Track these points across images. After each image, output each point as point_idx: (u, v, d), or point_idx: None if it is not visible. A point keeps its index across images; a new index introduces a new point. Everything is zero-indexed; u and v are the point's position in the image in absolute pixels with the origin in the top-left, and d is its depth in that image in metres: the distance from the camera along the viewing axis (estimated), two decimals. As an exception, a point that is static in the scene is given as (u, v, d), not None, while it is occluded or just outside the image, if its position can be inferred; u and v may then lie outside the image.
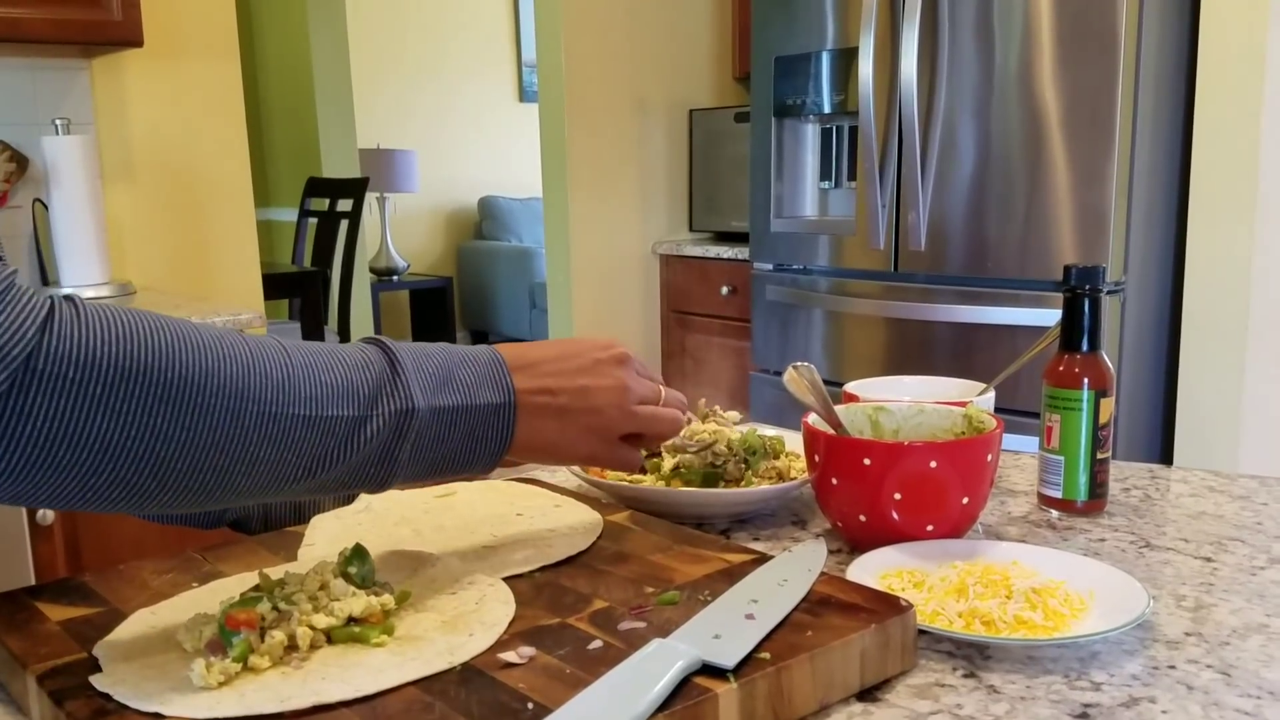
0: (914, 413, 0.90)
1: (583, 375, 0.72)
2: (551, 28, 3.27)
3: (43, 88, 2.36)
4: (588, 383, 0.72)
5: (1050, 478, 0.92)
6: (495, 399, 0.68)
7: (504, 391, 0.69)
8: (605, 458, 0.75)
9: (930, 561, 0.75)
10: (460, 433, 0.66)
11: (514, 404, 0.69)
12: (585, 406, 0.72)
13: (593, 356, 0.73)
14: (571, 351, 0.73)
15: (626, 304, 3.49)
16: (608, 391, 0.72)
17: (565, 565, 0.72)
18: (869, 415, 0.90)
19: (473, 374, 0.68)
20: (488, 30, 6.94)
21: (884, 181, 2.51)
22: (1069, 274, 0.90)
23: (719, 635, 0.59)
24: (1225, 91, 2.15)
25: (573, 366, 0.72)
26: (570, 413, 0.71)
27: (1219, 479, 1.03)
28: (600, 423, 0.72)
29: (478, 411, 0.67)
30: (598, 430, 0.73)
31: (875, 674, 0.61)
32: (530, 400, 0.70)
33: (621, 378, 0.74)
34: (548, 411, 0.70)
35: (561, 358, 0.72)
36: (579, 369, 0.72)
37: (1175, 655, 0.65)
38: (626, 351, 0.76)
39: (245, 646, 0.56)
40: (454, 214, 6.95)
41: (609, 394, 0.72)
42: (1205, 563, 0.81)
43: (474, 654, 0.58)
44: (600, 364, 0.73)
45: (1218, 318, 2.20)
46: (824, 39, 2.66)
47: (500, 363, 0.70)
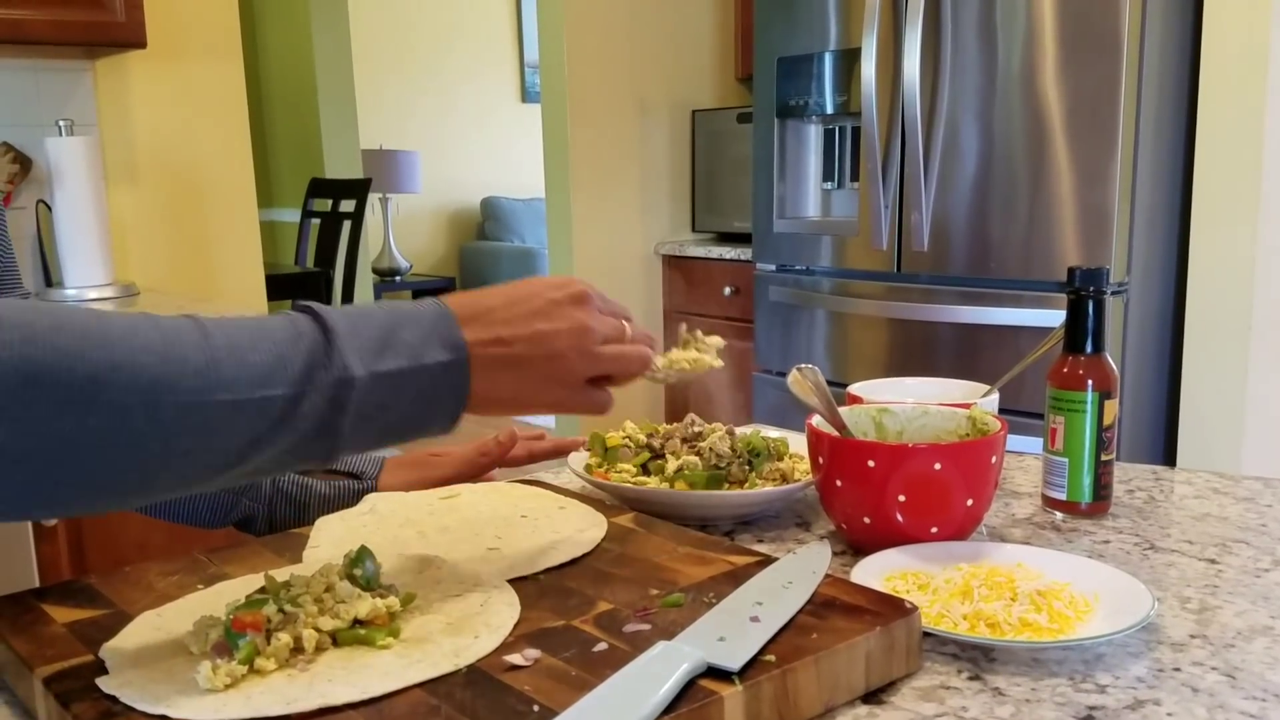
0: (918, 414, 0.90)
1: (538, 319, 0.67)
2: (554, 28, 3.27)
3: (46, 89, 2.36)
4: (544, 327, 0.67)
5: (1054, 479, 0.92)
6: (444, 356, 0.63)
7: (453, 347, 0.64)
8: (572, 403, 0.70)
9: (935, 564, 0.75)
10: (408, 397, 0.62)
11: (466, 360, 0.64)
12: (543, 353, 0.67)
13: (547, 298, 0.68)
14: (524, 294, 0.68)
15: (629, 304, 3.42)
16: (566, 335, 0.68)
17: (570, 567, 0.72)
18: (873, 417, 0.91)
19: (417, 332, 0.63)
20: (490, 31, 6.94)
21: (887, 182, 2.51)
22: (1073, 275, 0.90)
23: (724, 638, 0.59)
24: (1228, 92, 2.15)
25: (526, 311, 0.67)
26: (528, 361, 0.67)
27: (1223, 481, 1.03)
28: (562, 369, 0.68)
29: (426, 372, 0.63)
30: (560, 377, 0.68)
31: (880, 676, 0.61)
32: (483, 353, 0.65)
33: (580, 318, 0.68)
34: (504, 363, 0.66)
35: (514, 303, 0.68)
36: (533, 313, 0.67)
37: (1180, 658, 0.65)
38: (585, 288, 0.70)
39: (251, 649, 0.56)
40: (456, 214, 6.95)
41: (568, 337, 0.68)
42: (1210, 565, 0.81)
43: (479, 656, 0.58)
44: (556, 305, 0.68)
45: (1221, 318, 2.20)
46: (826, 40, 2.66)
47: (447, 316, 0.65)
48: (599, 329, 0.69)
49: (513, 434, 1.01)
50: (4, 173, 2.28)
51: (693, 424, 0.98)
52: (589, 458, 0.98)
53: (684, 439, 0.96)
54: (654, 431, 0.98)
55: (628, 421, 1.01)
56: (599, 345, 0.69)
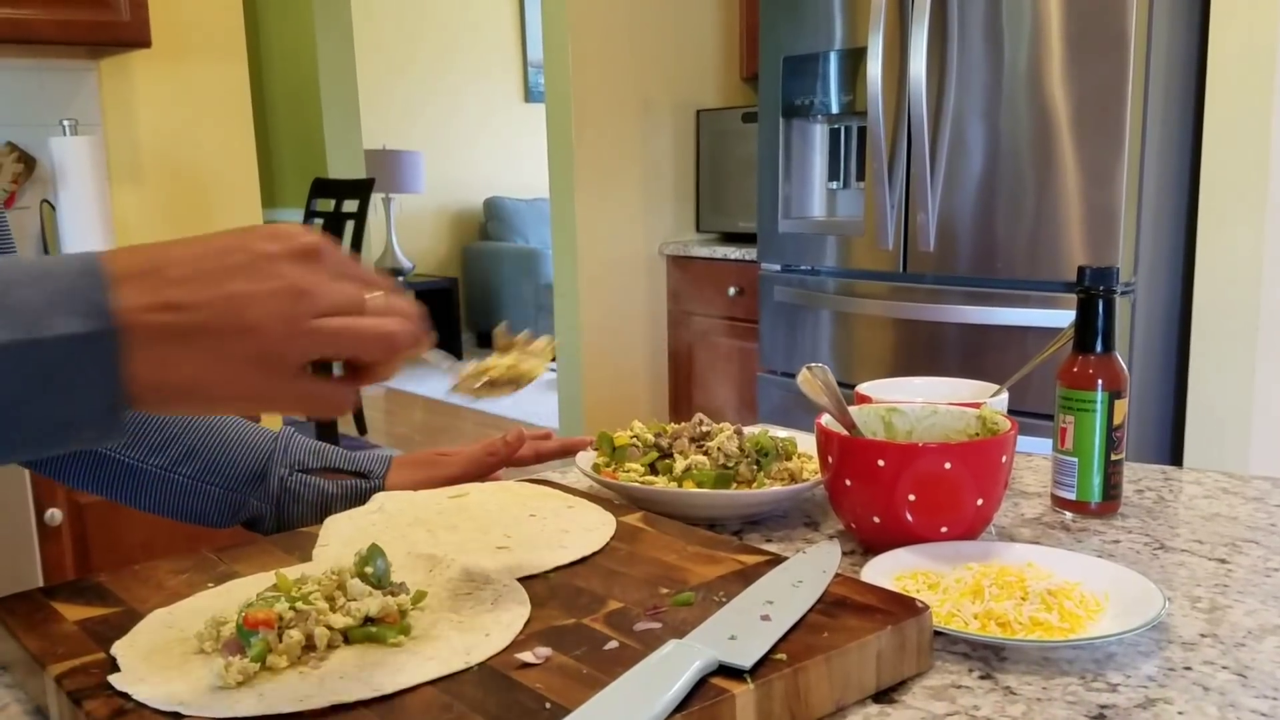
0: (927, 414, 0.90)
1: (234, 278, 0.51)
2: (558, 28, 3.27)
3: (50, 89, 2.36)
4: (240, 288, 0.51)
5: (1064, 479, 0.92)
6: (76, 327, 0.48)
7: (94, 314, 0.48)
8: (279, 396, 0.53)
9: (945, 563, 0.75)
10: (18, 380, 0.48)
11: (113, 331, 0.49)
12: (236, 324, 0.50)
13: (255, 250, 0.52)
14: (221, 246, 0.52)
15: (633, 305, 3.49)
16: (270, 299, 0.51)
17: (579, 566, 0.72)
18: (882, 416, 0.90)
19: (41, 292, 0.48)
20: (493, 31, 6.95)
21: (893, 182, 2.51)
22: (1083, 275, 0.90)
23: (735, 636, 0.59)
24: (1235, 91, 2.14)
25: (218, 267, 0.51)
26: (213, 334, 0.50)
27: (1232, 480, 1.02)
28: (261, 347, 0.51)
29: (47, 348, 0.48)
30: (259, 358, 0.51)
31: (891, 675, 0.61)
32: (147, 321, 0.49)
33: (294, 278, 0.51)
34: (178, 335, 0.50)
35: (204, 256, 0.51)
36: (228, 270, 0.51)
37: (1191, 656, 0.65)
38: (315, 241, 0.53)
39: (263, 646, 0.56)
40: (459, 215, 6.96)
41: (272, 303, 0.51)
42: (1220, 564, 0.81)
43: (491, 654, 0.58)
44: (265, 260, 0.51)
45: (1228, 318, 2.19)
46: (832, 39, 2.65)
47: (95, 271, 0.50)
48: (322, 294, 0.52)
49: (520, 434, 1.00)
50: (8, 172, 2.28)
51: (701, 423, 0.98)
52: (597, 457, 0.98)
53: (692, 438, 0.96)
54: (662, 431, 0.98)
55: (635, 421, 1.01)
56: (318, 317, 0.52)
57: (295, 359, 0.52)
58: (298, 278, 0.51)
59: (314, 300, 0.52)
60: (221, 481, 0.92)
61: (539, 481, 0.95)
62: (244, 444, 0.92)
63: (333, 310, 0.52)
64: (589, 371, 3.44)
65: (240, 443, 0.92)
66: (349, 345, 0.53)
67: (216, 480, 0.91)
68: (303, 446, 0.94)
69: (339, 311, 0.52)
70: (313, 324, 0.52)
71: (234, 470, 0.92)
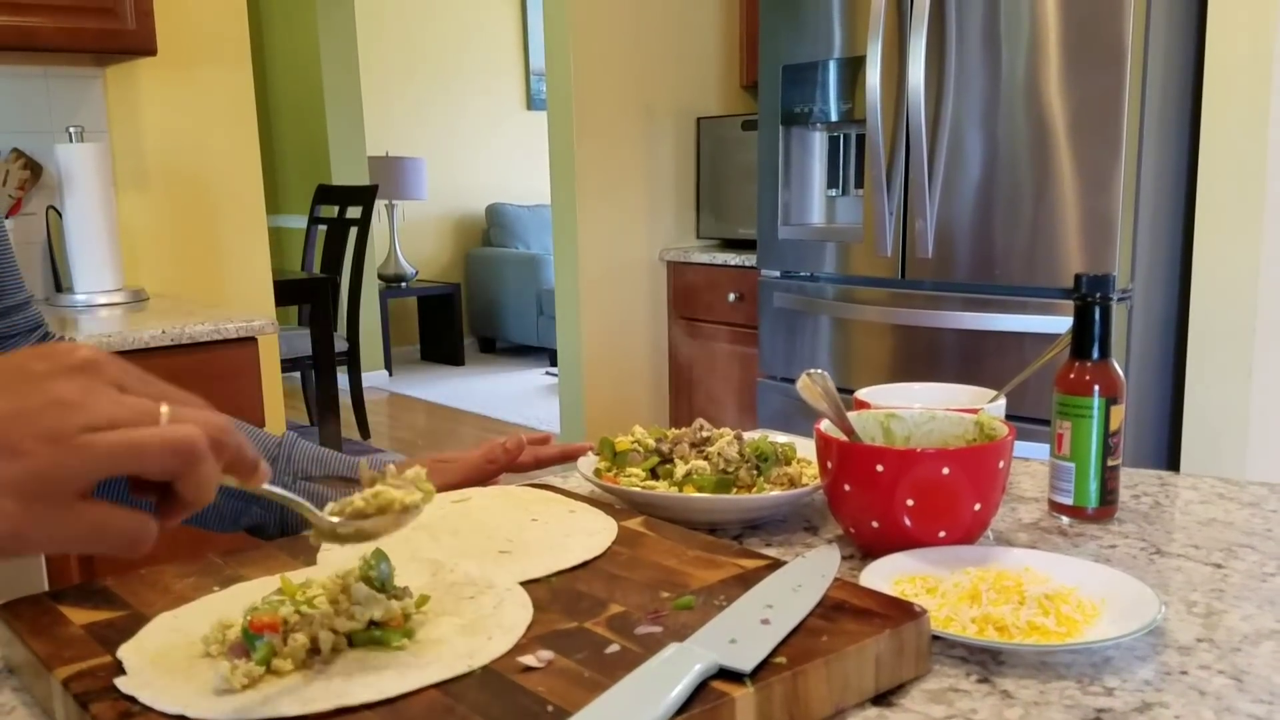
0: (925, 419, 0.91)
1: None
2: (560, 36, 3.29)
3: (57, 96, 2.37)
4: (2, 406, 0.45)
5: (1061, 484, 0.92)
6: None
7: None
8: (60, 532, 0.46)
9: (943, 567, 0.76)
10: None
11: None
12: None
13: (26, 368, 0.47)
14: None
15: (634, 310, 3.50)
16: (33, 416, 0.45)
17: (581, 570, 0.73)
18: (881, 422, 0.91)
19: None
20: (496, 38, 6.97)
21: (891, 189, 2.52)
22: (1080, 282, 0.91)
23: (735, 640, 0.59)
24: (1231, 99, 2.15)
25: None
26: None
27: (1228, 486, 1.03)
28: (25, 471, 0.44)
29: None
30: (28, 486, 0.44)
31: (890, 679, 0.62)
32: None
33: (63, 392, 0.46)
34: None
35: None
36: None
37: (1187, 661, 0.66)
38: (91, 355, 0.48)
39: (269, 650, 0.57)
40: (462, 221, 6.97)
41: (35, 420, 0.45)
42: (1216, 569, 0.82)
43: (493, 657, 0.59)
44: (32, 378, 0.46)
45: (1225, 324, 2.20)
46: (831, 48, 2.67)
47: None
48: (94, 406, 0.46)
49: (520, 440, 1.01)
50: (15, 179, 2.29)
51: (701, 429, 0.99)
52: (599, 462, 0.99)
53: (692, 444, 0.97)
54: (663, 436, 0.99)
55: (636, 426, 1.02)
56: (89, 431, 0.45)
57: (70, 484, 0.45)
58: (65, 392, 0.46)
59: (83, 412, 0.45)
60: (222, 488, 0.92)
61: (541, 486, 0.96)
62: None
63: (109, 423, 0.45)
64: (590, 376, 3.45)
65: None
66: (130, 460, 0.46)
67: None
68: (306, 454, 0.95)
69: (117, 424, 0.46)
70: (82, 439, 0.45)
71: None
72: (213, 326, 1.98)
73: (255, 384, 2.04)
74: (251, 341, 2.03)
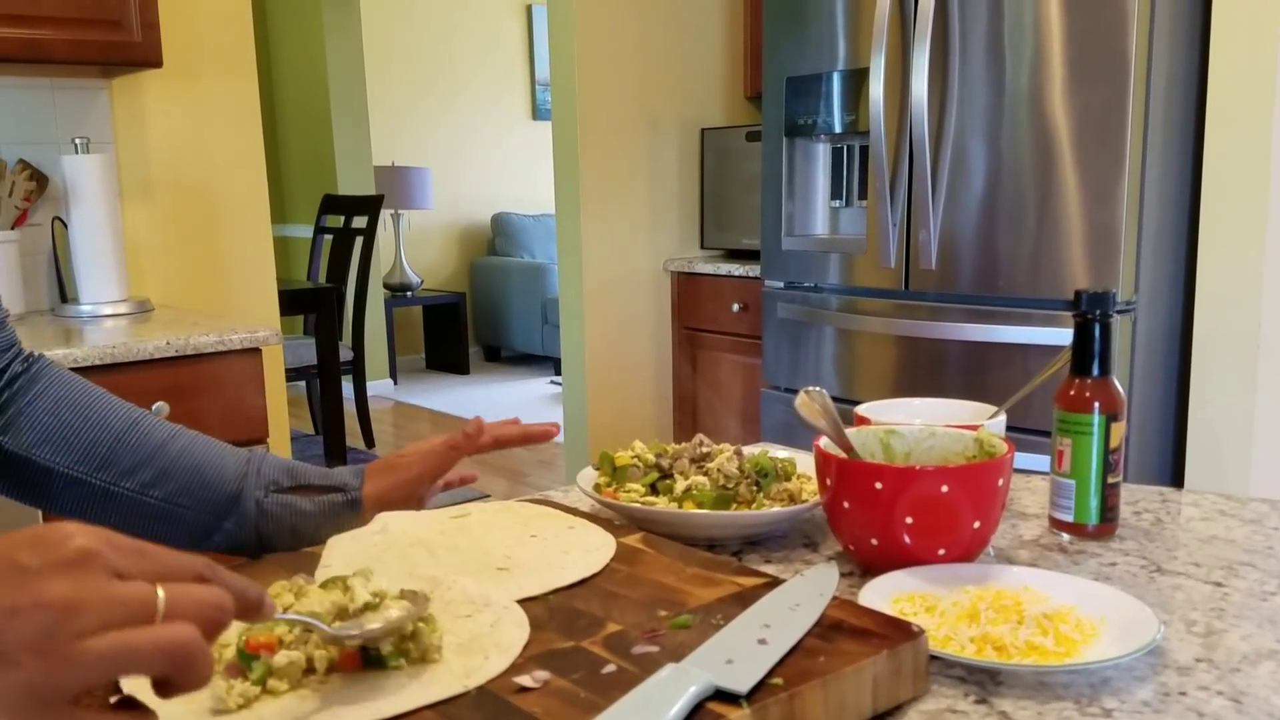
0: (925, 436, 0.91)
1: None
2: (565, 47, 3.30)
3: (63, 107, 2.39)
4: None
5: (1061, 501, 0.92)
6: None
7: None
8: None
9: (942, 586, 0.76)
10: None
11: None
12: None
13: (13, 562, 0.44)
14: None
15: (637, 320, 3.50)
16: (24, 622, 0.42)
17: (578, 588, 0.73)
18: (880, 438, 0.91)
19: None
20: (501, 49, 6.99)
21: (895, 200, 2.52)
22: (1079, 299, 0.91)
23: (732, 660, 0.59)
24: (1235, 112, 2.15)
25: None
26: None
27: (1229, 503, 1.03)
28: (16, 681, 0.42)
29: None
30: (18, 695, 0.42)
31: (887, 700, 0.61)
32: None
33: (56, 593, 0.43)
34: None
35: None
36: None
37: (1186, 681, 0.66)
38: (86, 544, 0.45)
39: (264, 669, 0.57)
40: (467, 230, 6.99)
41: (26, 626, 0.42)
42: (1216, 588, 0.81)
43: (489, 677, 0.59)
44: (21, 575, 0.43)
45: (1229, 338, 2.20)
46: (835, 60, 2.67)
47: None
48: (89, 609, 0.43)
49: (479, 423, 0.97)
50: (21, 190, 2.30)
51: (701, 444, 0.99)
52: (598, 477, 0.99)
53: (692, 459, 0.97)
54: (663, 451, 0.99)
55: (636, 441, 1.02)
56: (83, 637, 0.43)
57: (61, 693, 0.43)
58: (57, 593, 0.43)
59: (76, 617, 0.43)
60: (193, 504, 0.91)
61: (540, 502, 0.96)
62: (216, 466, 0.92)
63: (102, 624, 0.43)
64: (593, 386, 3.45)
65: (213, 465, 0.92)
66: (124, 666, 0.44)
67: (189, 503, 0.91)
68: (276, 466, 0.93)
69: (110, 625, 0.43)
70: (76, 647, 0.42)
71: (207, 493, 0.91)
72: (217, 337, 1.98)
73: (260, 394, 2.04)
74: (256, 352, 2.03)
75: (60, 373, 0.96)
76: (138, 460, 0.91)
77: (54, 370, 0.96)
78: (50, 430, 0.91)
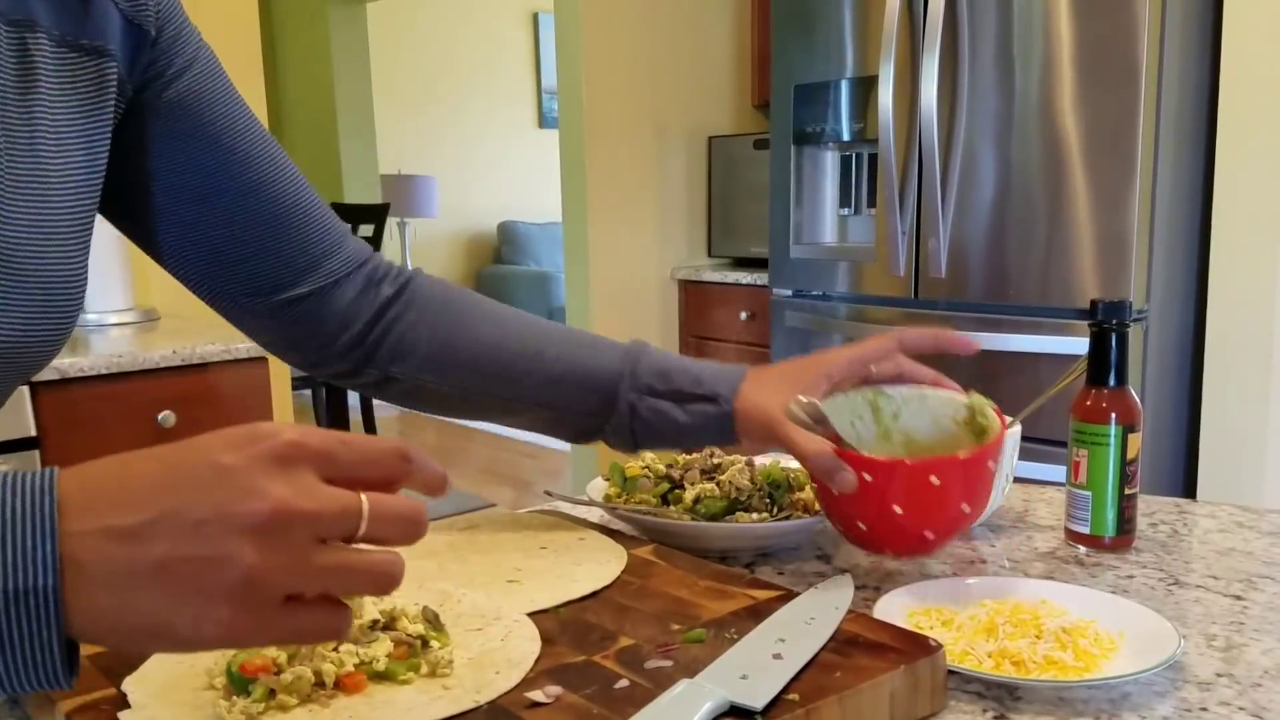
0: (914, 397, 0.87)
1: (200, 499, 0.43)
2: (572, 55, 3.30)
3: (71, 116, 2.39)
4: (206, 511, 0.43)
5: (1078, 513, 0.91)
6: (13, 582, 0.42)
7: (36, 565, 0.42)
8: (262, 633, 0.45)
9: (959, 600, 0.75)
10: None
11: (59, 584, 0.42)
12: (203, 555, 0.42)
13: (215, 461, 0.44)
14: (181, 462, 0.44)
15: (645, 329, 3.49)
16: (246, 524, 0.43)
17: (590, 600, 0.72)
18: (869, 400, 0.87)
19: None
20: (508, 57, 7.00)
21: (904, 208, 2.51)
22: (1095, 308, 0.90)
23: (746, 675, 0.58)
24: (1247, 118, 2.14)
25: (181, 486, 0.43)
26: (177, 569, 0.43)
27: (1247, 514, 1.02)
28: (236, 579, 0.43)
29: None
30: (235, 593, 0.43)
31: (905, 716, 0.60)
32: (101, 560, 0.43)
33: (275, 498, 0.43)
34: (135, 574, 0.43)
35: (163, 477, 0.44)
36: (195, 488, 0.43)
37: (1207, 697, 0.65)
38: (290, 439, 0.44)
39: (265, 689, 0.56)
40: (474, 239, 6.99)
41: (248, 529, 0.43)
42: (1235, 601, 0.80)
43: (500, 692, 0.58)
44: (233, 474, 0.43)
45: (1241, 347, 2.18)
46: (844, 67, 2.66)
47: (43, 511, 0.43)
48: (309, 518, 0.44)
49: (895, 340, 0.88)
50: (28, 198, 2.31)
51: (711, 455, 0.98)
52: (608, 488, 0.98)
53: (703, 470, 0.96)
54: (673, 462, 0.98)
55: (646, 452, 1.01)
56: (304, 547, 0.44)
57: (278, 592, 0.44)
58: (279, 498, 0.43)
59: (292, 522, 0.43)
60: (575, 409, 0.88)
61: (550, 513, 0.95)
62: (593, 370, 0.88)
63: (316, 533, 0.44)
64: (601, 396, 3.44)
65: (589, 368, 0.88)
66: (340, 582, 0.45)
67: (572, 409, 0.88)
68: (652, 368, 0.89)
69: (332, 534, 0.44)
70: (299, 558, 0.44)
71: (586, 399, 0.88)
72: (223, 346, 1.98)
73: (266, 403, 2.04)
74: (262, 360, 2.03)
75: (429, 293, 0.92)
76: (519, 372, 0.88)
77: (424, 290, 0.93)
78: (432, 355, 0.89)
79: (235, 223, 0.81)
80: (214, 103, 0.80)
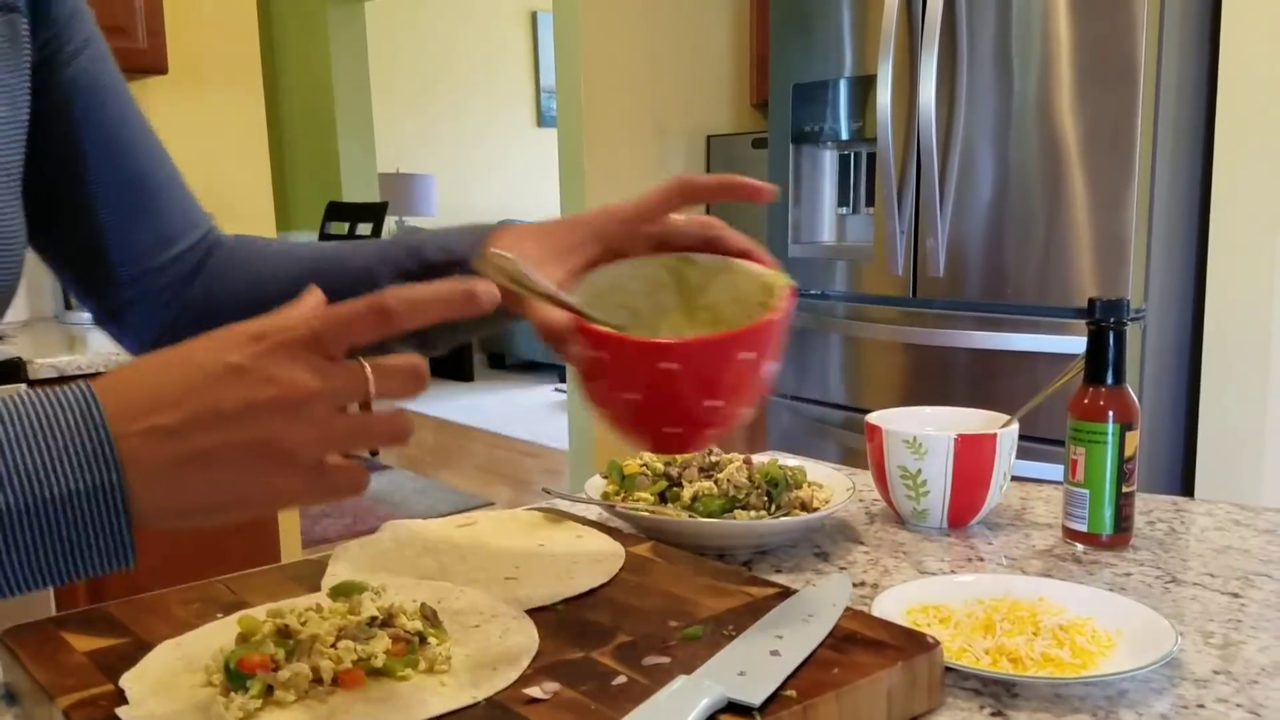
0: (721, 267, 0.75)
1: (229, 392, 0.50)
2: (571, 54, 3.30)
3: (69, 114, 2.39)
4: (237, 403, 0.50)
5: (1075, 511, 0.91)
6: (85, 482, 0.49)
7: (100, 465, 0.49)
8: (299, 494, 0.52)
9: (956, 597, 0.75)
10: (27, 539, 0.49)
11: (120, 478, 0.49)
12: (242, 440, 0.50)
13: (228, 362, 0.50)
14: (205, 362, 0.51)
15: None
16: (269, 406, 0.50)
17: (588, 598, 0.72)
18: (671, 267, 0.76)
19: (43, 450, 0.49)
20: (506, 56, 7.00)
21: (902, 208, 2.52)
22: (1093, 306, 0.90)
23: (744, 672, 0.59)
24: (1246, 118, 2.15)
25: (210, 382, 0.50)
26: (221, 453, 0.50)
27: (1244, 512, 1.02)
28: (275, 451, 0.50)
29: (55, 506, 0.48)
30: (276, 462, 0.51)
31: (902, 712, 0.61)
32: (152, 457, 0.50)
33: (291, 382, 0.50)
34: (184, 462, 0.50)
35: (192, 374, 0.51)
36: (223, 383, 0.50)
37: (1204, 694, 0.65)
38: (288, 333, 0.51)
39: (262, 684, 0.56)
40: (472, 237, 6.99)
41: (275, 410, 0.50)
42: (1232, 598, 0.80)
43: (498, 689, 0.58)
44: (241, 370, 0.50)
45: (1240, 346, 2.19)
46: (842, 66, 2.67)
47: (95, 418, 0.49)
48: (325, 392, 0.51)
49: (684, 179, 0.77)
50: (26, 197, 2.30)
51: (710, 453, 0.98)
52: (606, 486, 0.98)
53: (701, 468, 0.96)
54: (671, 460, 0.98)
55: (644, 451, 1.01)
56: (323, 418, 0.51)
57: (313, 453, 0.51)
58: (291, 382, 0.50)
59: (317, 402, 0.50)
60: None
61: (548, 511, 0.95)
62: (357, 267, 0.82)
63: (341, 401, 0.51)
64: (599, 395, 3.44)
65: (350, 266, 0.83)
66: (361, 443, 0.53)
67: None
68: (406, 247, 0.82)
69: (346, 401, 0.51)
70: (324, 427, 0.51)
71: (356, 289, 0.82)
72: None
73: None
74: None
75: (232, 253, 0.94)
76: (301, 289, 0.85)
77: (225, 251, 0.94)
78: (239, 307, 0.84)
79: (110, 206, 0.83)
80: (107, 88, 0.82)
